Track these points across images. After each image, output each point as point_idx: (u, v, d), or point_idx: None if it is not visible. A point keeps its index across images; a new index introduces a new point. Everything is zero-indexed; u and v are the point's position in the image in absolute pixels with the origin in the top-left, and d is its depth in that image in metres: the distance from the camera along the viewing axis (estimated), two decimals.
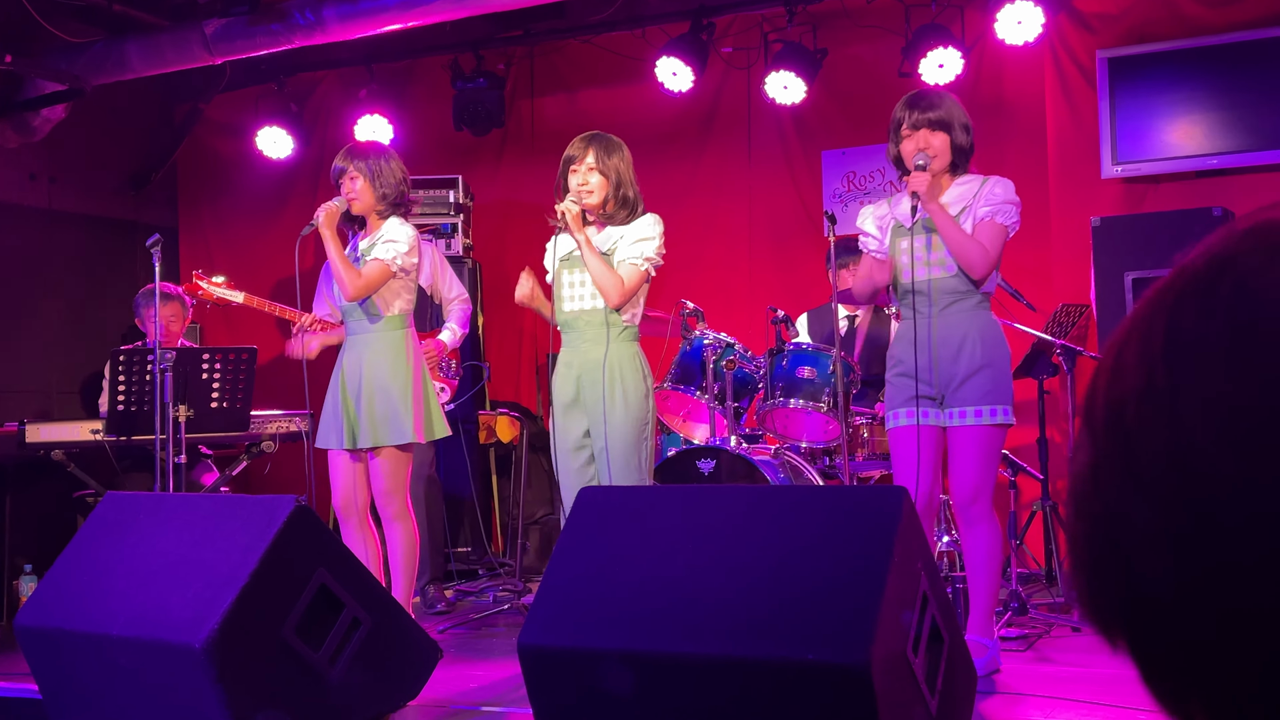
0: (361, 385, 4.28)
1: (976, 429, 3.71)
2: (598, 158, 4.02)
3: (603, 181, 4.02)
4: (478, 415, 6.50)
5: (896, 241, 3.81)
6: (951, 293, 3.74)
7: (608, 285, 3.93)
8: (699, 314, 5.32)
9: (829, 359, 4.97)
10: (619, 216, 4.04)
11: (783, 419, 5.13)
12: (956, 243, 3.68)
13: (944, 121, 3.76)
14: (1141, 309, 0.60)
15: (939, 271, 3.74)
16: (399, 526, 4.34)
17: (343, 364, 4.34)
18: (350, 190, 4.35)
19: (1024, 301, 5.31)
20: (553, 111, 7.25)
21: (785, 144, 6.83)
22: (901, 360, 3.80)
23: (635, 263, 3.99)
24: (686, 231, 6.87)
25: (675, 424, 5.47)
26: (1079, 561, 0.60)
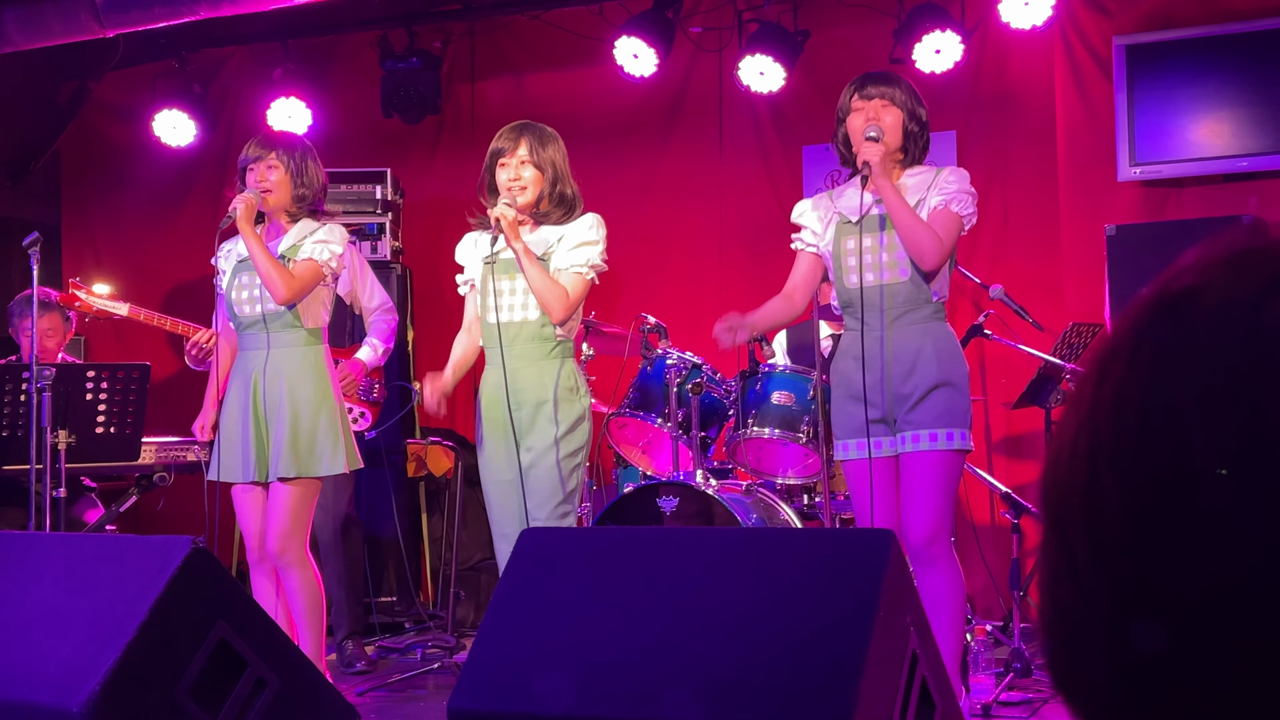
0: (283, 407, 4.25)
1: (932, 455, 3.72)
2: (531, 149, 4.03)
3: (537, 176, 4.03)
4: (405, 444, 6.47)
5: (841, 240, 3.84)
6: (906, 301, 3.76)
7: (551, 299, 3.93)
8: (661, 330, 5.32)
9: (809, 383, 4.99)
10: (554, 215, 4.05)
11: (756, 451, 5.15)
12: (908, 227, 3.70)
13: (897, 99, 3.81)
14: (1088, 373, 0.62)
15: (891, 276, 3.76)
16: (298, 574, 4.30)
17: (254, 382, 4.29)
18: (265, 181, 4.33)
19: (1029, 319, 5.36)
20: (496, 97, 7.25)
21: (761, 138, 6.87)
22: (848, 379, 3.81)
23: (579, 271, 4.00)
24: (648, 236, 6.89)
25: (633, 456, 5.47)
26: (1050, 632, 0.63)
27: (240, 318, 4.37)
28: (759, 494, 5.01)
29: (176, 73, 7.05)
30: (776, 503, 5.02)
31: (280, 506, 4.28)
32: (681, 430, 5.10)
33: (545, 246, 4.03)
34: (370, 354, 5.31)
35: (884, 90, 3.81)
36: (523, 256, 3.92)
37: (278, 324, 4.33)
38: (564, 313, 3.96)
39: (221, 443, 4.33)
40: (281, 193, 4.36)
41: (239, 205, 4.24)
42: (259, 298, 4.33)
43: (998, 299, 5.34)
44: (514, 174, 4.01)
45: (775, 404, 5.01)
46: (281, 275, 4.25)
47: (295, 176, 4.36)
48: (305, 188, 4.38)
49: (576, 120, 6.99)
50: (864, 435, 3.77)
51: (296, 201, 4.39)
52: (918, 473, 3.72)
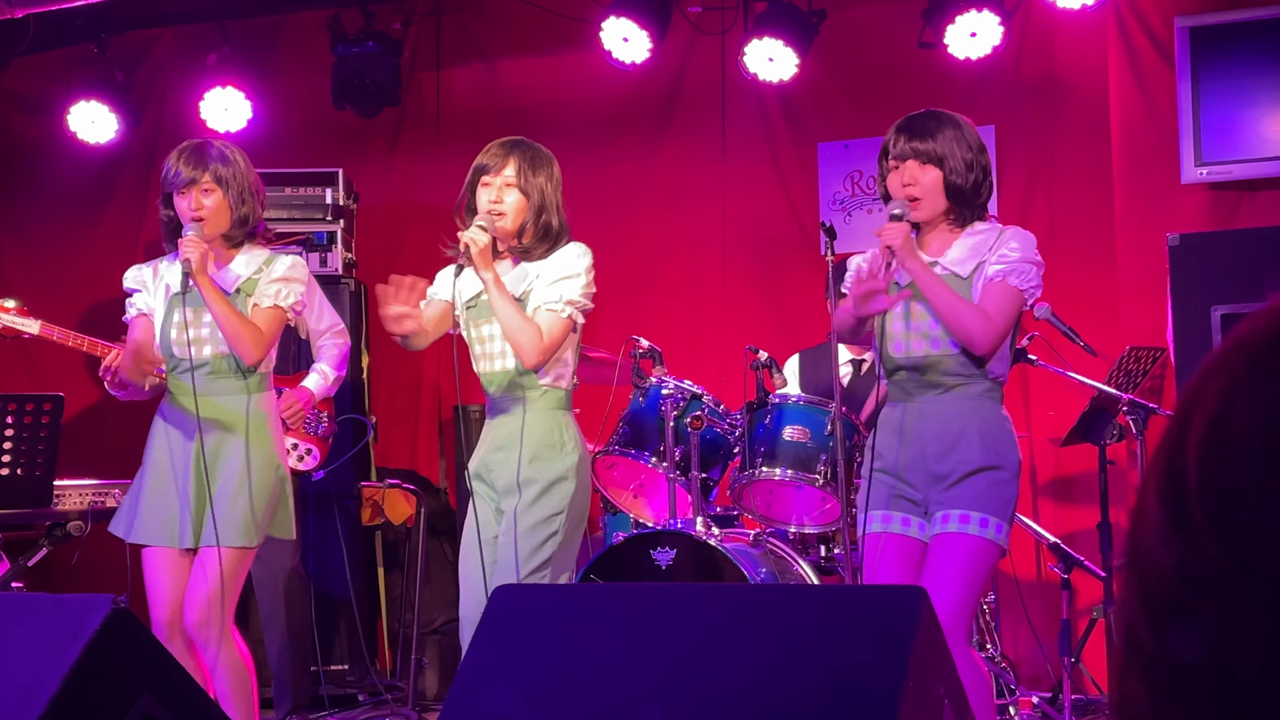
0: (234, 465, 4.23)
1: (960, 540, 3.72)
2: (520, 171, 4.04)
3: (521, 203, 4.04)
4: (359, 488, 6.47)
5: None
6: (949, 375, 3.79)
7: (523, 339, 3.94)
8: (655, 355, 5.32)
9: (826, 416, 4.98)
10: (536, 251, 4.07)
11: (765, 495, 5.14)
12: (948, 310, 3.72)
13: (935, 155, 3.81)
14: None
15: (941, 347, 3.79)
16: (221, 651, 4.25)
17: (197, 436, 4.26)
18: (199, 208, 4.29)
19: (1080, 343, 5.37)
20: (464, 87, 7.28)
21: (771, 134, 6.89)
22: (881, 454, 3.85)
23: (554, 308, 4.00)
24: (640, 247, 6.90)
25: (623, 501, 5.47)
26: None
27: (180, 360, 4.32)
28: (769, 544, 5.01)
29: (95, 58, 7.06)
30: (789, 555, 5.02)
31: (211, 574, 4.22)
32: (679, 471, 5.09)
33: (524, 284, 4.04)
34: (319, 383, 5.30)
35: (918, 147, 3.80)
36: (491, 288, 3.92)
37: (228, 370, 4.33)
38: (536, 357, 3.96)
39: (144, 499, 4.28)
40: (220, 219, 4.33)
41: (192, 255, 4.17)
42: (208, 339, 4.30)
43: (1044, 319, 5.35)
44: (496, 196, 4.02)
45: (788, 440, 5.00)
46: (251, 335, 4.24)
47: (235, 197, 4.34)
48: (246, 207, 4.37)
49: (557, 114, 7.02)
50: (889, 507, 3.80)
51: (237, 225, 4.36)
52: (942, 556, 3.72)
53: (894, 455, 3.81)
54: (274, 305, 4.33)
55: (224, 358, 4.29)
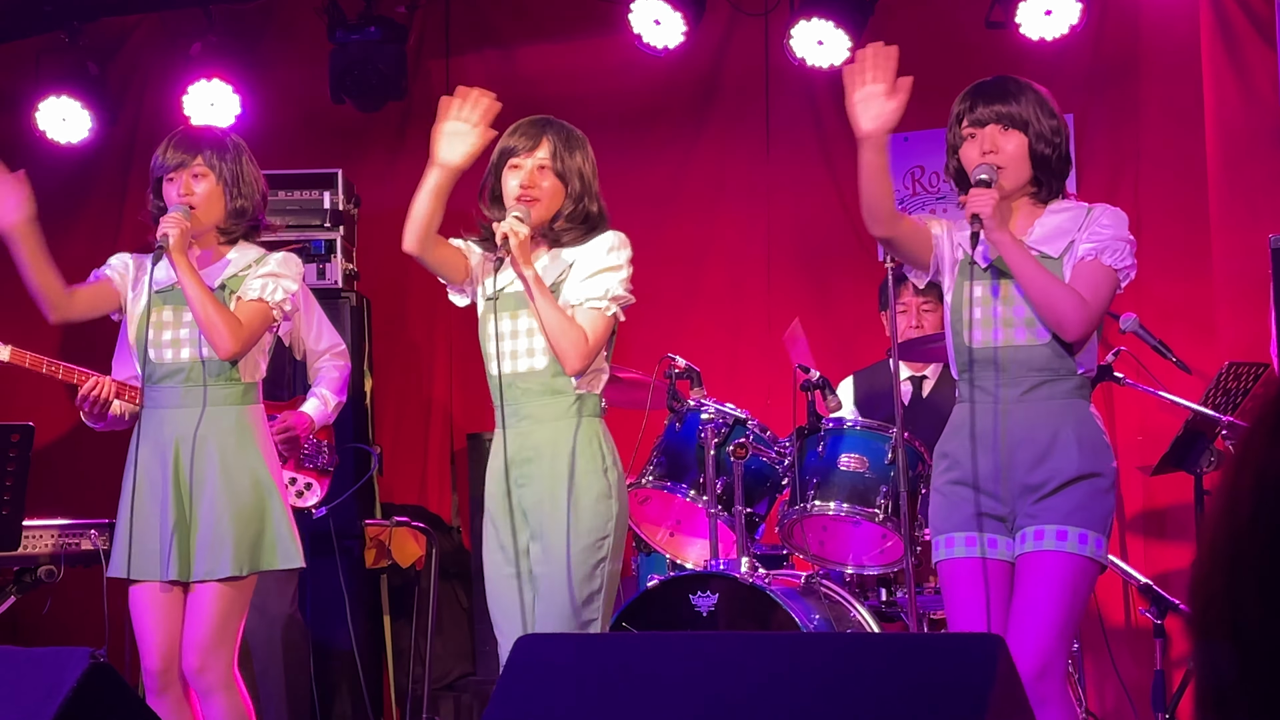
0: (215, 484, 4.24)
1: (1058, 558, 3.69)
2: (555, 153, 4.02)
3: (557, 188, 4.02)
4: (363, 526, 6.47)
5: (964, 285, 3.84)
6: (1038, 370, 3.76)
7: (566, 343, 3.93)
8: (693, 376, 5.31)
9: (886, 442, 4.97)
10: (569, 236, 4.05)
11: (818, 532, 5.14)
12: (1040, 289, 3.70)
13: (1019, 118, 3.80)
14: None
15: (1026, 336, 3.76)
16: (224, 699, 4.26)
17: (174, 452, 4.27)
18: (190, 194, 4.32)
19: (1172, 358, 5.34)
20: (477, 77, 7.26)
21: (821, 127, 6.87)
22: (957, 462, 3.80)
23: (597, 305, 3.99)
24: (675, 256, 6.90)
25: (659, 540, 5.46)
26: None
27: (157, 365, 4.33)
28: (823, 587, 4.99)
29: (67, 48, 7.08)
30: (846, 599, 5.00)
31: (206, 612, 4.24)
32: (721, 506, 5.07)
33: (557, 274, 4.02)
34: (318, 408, 5.31)
35: (1000, 110, 3.80)
36: (534, 288, 3.91)
37: (210, 375, 4.32)
38: (581, 360, 3.95)
39: (122, 528, 4.30)
40: (212, 207, 4.34)
41: (171, 230, 4.17)
42: (187, 340, 4.31)
43: (1130, 332, 5.33)
44: (528, 179, 4.01)
45: (843, 470, 4.99)
46: (227, 323, 4.23)
47: (230, 185, 4.35)
48: (243, 198, 4.38)
49: (581, 106, 6.99)
50: (974, 529, 3.75)
51: (232, 217, 4.37)
52: (1036, 579, 3.69)
53: (973, 464, 3.75)
54: (258, 299, 4.33)
55: (205, 363, 4.30)
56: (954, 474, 3.80)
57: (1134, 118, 6.43)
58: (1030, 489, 3.72)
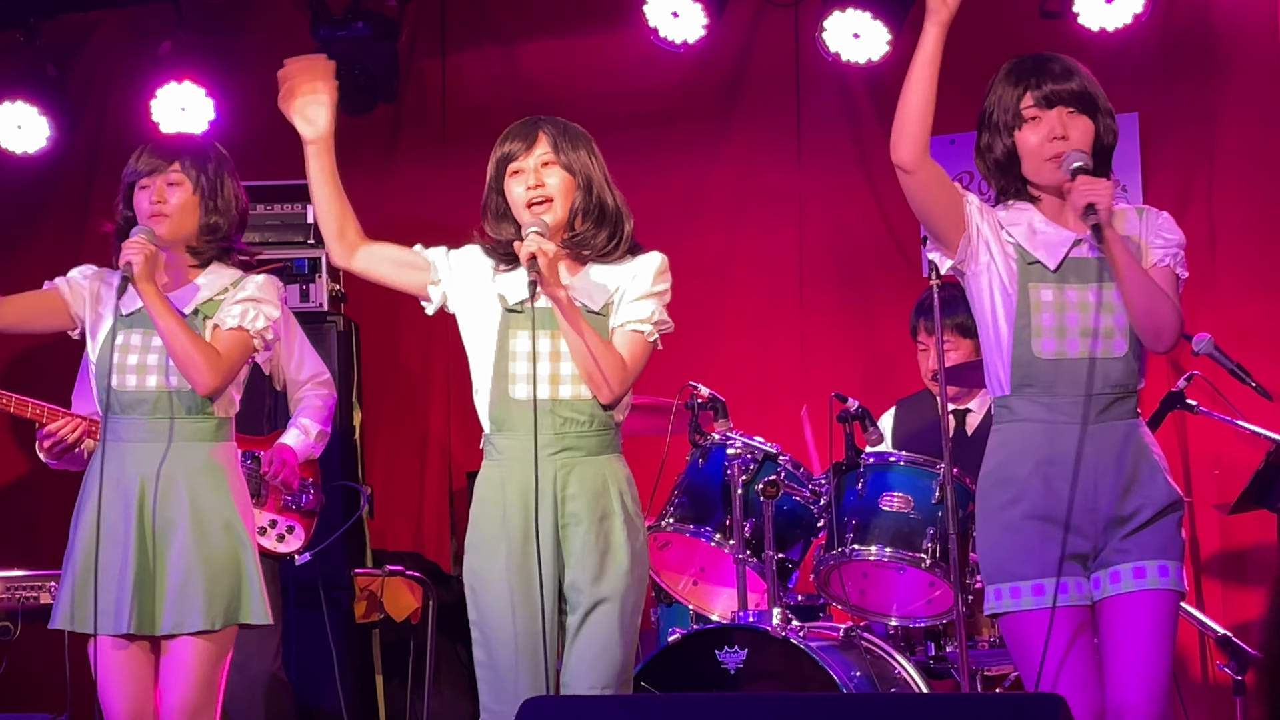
0: (184, 527, 4.23)
1: (1158, 598, 3.68)
2: (555, 145, 4.01)
3: (567, 181, 4.00)
4: (353, 576, 6.46)
5: (1031, 288, 3.80)
6: (1115, 385, 3.74)
7: (605, 366, 3.91)
8: (718, 406, 5.30)
9: (934, 480, 4.96)
10: (596, 242, 4.02)
11: (859, 580, 5.12)
12: (1147, 296, 3.67)
13: (1090, 99, 3.79)
14: None
15: (1104, 347, 3.74)
16: None
17: (139, 491, 4.25)
18: (163, 201, 4.32)
19: (1252, 384, 5.33)
20: (476, 77, 7.29)
21: (857, 128, 6.87)
22: (1027, 492, 3.74)
23: (640, 330, 3.99)
24: (697, 272, 6.88)
25: (680, 589, 5.45)
26: None
27: (120, 394, 4.31)
28: (864, 641, 4.98)
29: (21, 49, 7.08)
30: (890, 654, 4.99)
31: (184, 672, 4.22)
32: (750, 551, 5.06)
33: (605, 295, 3.99)
34: (301, 440, 5.30)
35: (1072, 89, 3.77)
36: (565, 309, 3.89)
37: (181, 408, 4.32)
38: (620, 387, 3.94)
39: (78, 577, 4.26)
40: (185, 219, 4.34)
41: (135, 258, 4.17)
42: (155, 367, 4.30)
43: (1205, 354, 5.31)
44: (534, 180, 4.00)
45: (886, 511, 4.98)
46: (205, 355, 4.23)
47: (206, 198, 4.35)
48: (219, 214, 4.38)
49: (591, 109, 6.99)
50: (1054, 573, 3.68)
51: (205, 234, 4.37)
52: (1138, 623, 3.66)
53: (1045, 494, 3.70)
54: (238, 328, 4.32)
55: (175, 394, 4.29)
56: (1025, 506, 3.73)
57: (1206, 117, 6.41)
58: (1120, 521, 3.68)
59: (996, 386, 3.82)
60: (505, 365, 3.98)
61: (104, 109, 7.37)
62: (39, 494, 6.79)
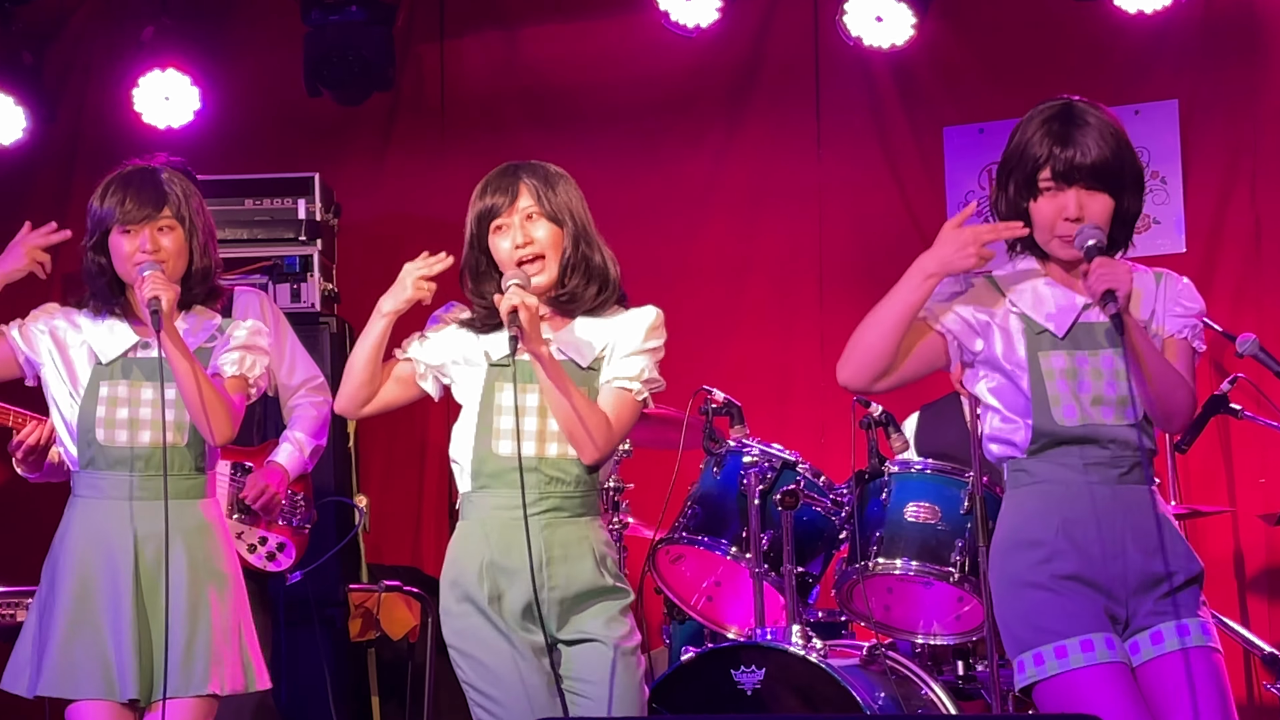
0: (185, 596, 4.21)
1: (1208, 654, 3.68)
2: (538, 196, 3.97)
3: (554, 234, 3.97)
4: (347, 593, 6.43)
5: (1040, 356, 3.79)
6: (1133, 450, 3.74)
7: (589, 426, 3.88)
8: (734, 411, 5.28)
9: (962, 489, 4.94)
10: (586, 295, 4.01)
11: (883, 595, 5.10)
12: (1164, 379, 3.70)
13: (1111, 175, 3.75)
14: None
15: (1105, 413, 3.75)
16: None
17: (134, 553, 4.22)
18: (158, 250, 4.27)
19: None
20: (477, 64, 7.26)
21: (880, 117, 6.85)
22: (1058, 553, 3.73)
23: (627, 387, 3.96)
24: (711, 270, 6.86)
25: (694, 605, 5.43)
26: None
27: (107, 449, 4.28)
28: (889, 660, 4.94)
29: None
30: (916, 674, 4.95)
31: None
32: (768, 565, 5.04)
33: (595, 349, 3.98)
34: (293, 456, 5.27)
35: (1093, 167, 3.72)
36: (547, 367, 3.86)
37: (174, 465, 4.27)
38: (603, 449, 3.91)
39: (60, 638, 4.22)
40: (178, 267, 4.30)
41: (163, 294, 4.12)
42: (148, 422, 4.25)
43: (1249, 355, 5.28)
44: (521, 236, 3.96)
45: (911, 522, 4.96)
46: (224, 407, 4.22)
47: (199, 244, 4.33)
48: (208, 256, 4.35)
49: (598, 98, 6.99)
50: (1095, 632, 3.63)
51: (199, 281, 4.35)
52: (1197, 677, 3.62)
53: (1075, 554, 3.68)
54: (238, 375, 4.32)
55: (170, 450, 4.25)
56: (1056, 566, 3.70)
57: (1251, 104, 6.39)
58: (1151, 583, 3.68)
59: (1007, 449, 3.81)
60: (490, 419, 3.96)
61: (83, 98, 7.35)
62: (15, 506, 6.76)
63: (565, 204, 3.99)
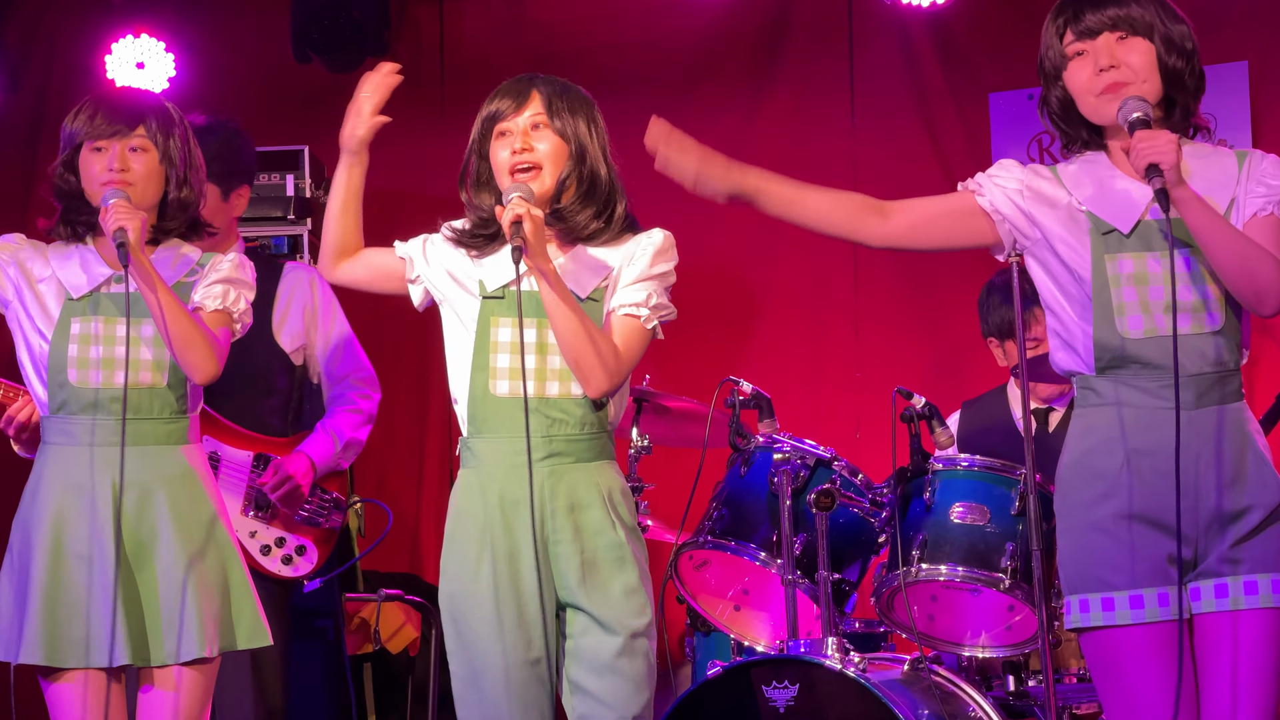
0: (171, 550, 4.22)
1: (1272, 618, 3.66)
2: (550, 105, 4.02)
3: (559, 147, 4.00)
4: (342, 601, 6.44)
5: (1107, 258, 3.77)
6: (1213, 365, 3.71)
7: (593, 355, 3.89)
8: (763, 404, 5.28)
9: (1013, 487, 4.95)
10: (579, 218, 4.03)
11: (927, 603, 5.11)
12: (1239, 254, 3.63)
13: (1140, 20, 3.75)
14: None
15: (1194, 322, 3.71)
16: None
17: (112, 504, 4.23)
18: (125, 169, 4.29)
19: None
20: (479, 26, 7.27)
21: (919, 82, 6.85)
22: (1113, 489, 3.71)
23: (635, 314, 3.97)
24: (737, 250, 6.87)
25: (720, 615, 5.44)
26: None
27: (80, 390, 4.29)
28: (933, 675, 4.95)
29: None
30: (963, 689, 4.96)
31: (172, 708, 4.22)
32: (801, 571, 5.04)
33: (598, 277, 3.99)
34: (325, 448, 5.28)
35: (1115, 13, 3.73)
36: (551, 284, 3.87)
37: (153, 408, 4.30)
38: (609, 381, 3.91)
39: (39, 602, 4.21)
40: (149, 191, 4.31)
41: (128, 222, 4.13)
42: (123, 361, 4.26)
43: None
44: (521, 144, 3.99)
45: (957, 524, 4.97)
46: (206, 339, 4.21)
47: (176, 168, 4.34)
48: (189, 186, 4.37)
49: (611, 61, 6.99)
50: (1154, 583, 3.62)
51: (176, 209, 4.36)
52: (1249, 647, 3.62)
53: (1139, 490, 3.66)
54: (221, 309, 4.32)
55: (150, 391, 4.29)
56: (1116, 504, 3.68)
57: None
58: (1224, 522, 3.64)
59: (1073, 360, 3.79)
60: (485, 358, 3.97)
61: (49, 65, 7.37)
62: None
63: (578, 121, 4.02)
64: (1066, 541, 3.78)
